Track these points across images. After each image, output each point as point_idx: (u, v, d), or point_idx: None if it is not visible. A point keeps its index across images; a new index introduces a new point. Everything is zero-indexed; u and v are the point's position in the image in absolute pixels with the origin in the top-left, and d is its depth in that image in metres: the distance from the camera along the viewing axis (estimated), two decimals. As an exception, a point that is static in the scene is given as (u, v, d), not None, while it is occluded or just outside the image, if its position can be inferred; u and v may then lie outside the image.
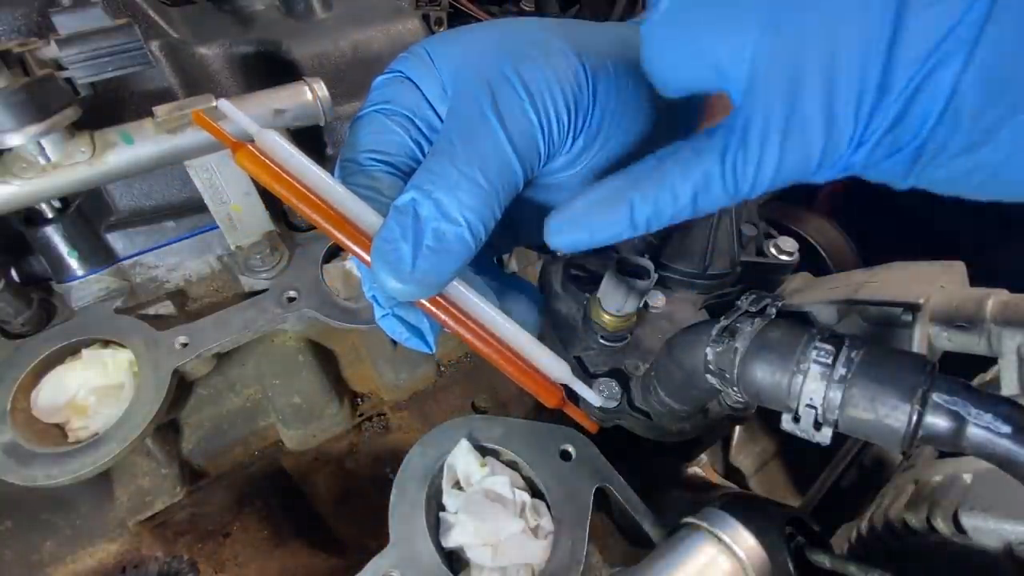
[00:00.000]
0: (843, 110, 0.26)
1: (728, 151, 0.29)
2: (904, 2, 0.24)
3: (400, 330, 0.37)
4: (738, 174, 0.29)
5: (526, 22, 0.39)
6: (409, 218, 0.33)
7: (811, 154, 0.28)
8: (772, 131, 0.28)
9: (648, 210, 0.32)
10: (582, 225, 0.34)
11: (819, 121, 0.27)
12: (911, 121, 0.26)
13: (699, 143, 0.31)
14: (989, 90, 0.24)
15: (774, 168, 0.29)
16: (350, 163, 0.37)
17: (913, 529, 0.46)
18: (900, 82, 0.25)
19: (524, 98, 0.35)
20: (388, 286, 0.33)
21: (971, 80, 0.24)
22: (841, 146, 0.27)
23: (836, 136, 0.27)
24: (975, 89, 0.24)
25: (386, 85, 0.39)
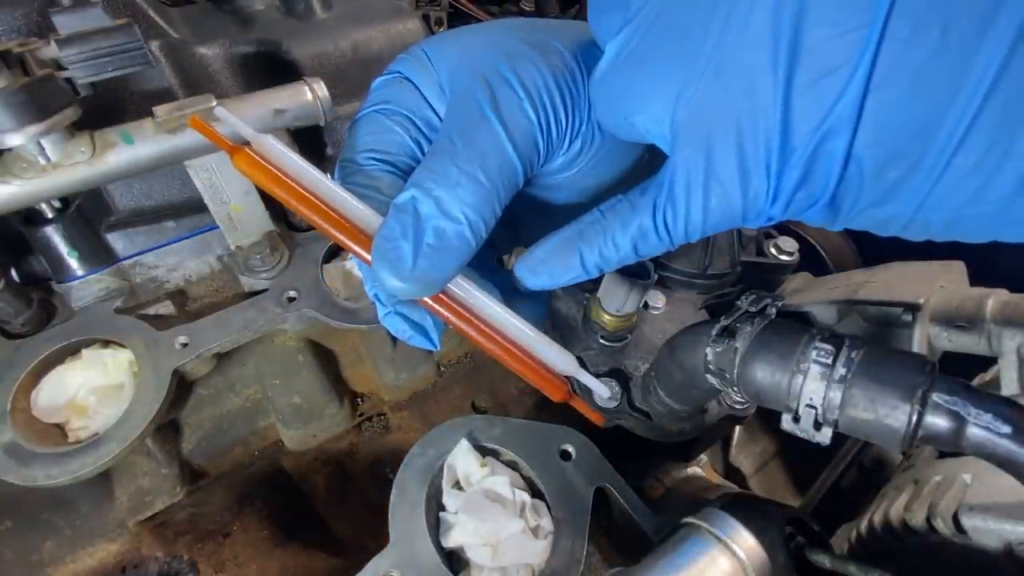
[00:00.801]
0: (754, 169, 0.29)
1: (658, 208, 0.33)
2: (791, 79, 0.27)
3: (403, 328, 0.37)
4: (669, 226, 0.33)
5: (524, 22, 0.39)
6: (409, 216, 0.33)
7: (733, 208, 0.31)
8: (694, 190, 0.31)
9: (595, 259, 0.36)
10: (542, 272, 0.38)
11: (735, 179, 0.30)
12: (817, 180, 0.29)
13: (635, 199, 0.35)
14: (883, 154, 0.27)
15: (701, 221, 0.32)
16: (349, 163, 0.37)
17: (913, 529, 0.46)
18: (799, 148, 0.28)
19: (523, 97, 0.35)
20: (389, 285, 0.33)
21: (864, 145, 0.27)
22: (760, 200, 0.30)
23: (753, 191, 0.30)
24: (870, 152, 0.27)
25: (385, 86, 0.39)
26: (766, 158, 0.29)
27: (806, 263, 0.77)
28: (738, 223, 0.32)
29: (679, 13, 0.31)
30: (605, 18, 0.35)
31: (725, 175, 0.30)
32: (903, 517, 0.47)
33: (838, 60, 0.26)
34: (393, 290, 0.33)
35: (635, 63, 0.32)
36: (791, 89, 0.27)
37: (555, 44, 0.37)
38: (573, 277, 0.38)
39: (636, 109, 0.33)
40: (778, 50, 0.27)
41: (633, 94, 0.33)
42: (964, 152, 0.25)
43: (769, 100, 0.27)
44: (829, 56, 0.26)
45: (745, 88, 0.28)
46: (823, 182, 0.29)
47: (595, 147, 0.39)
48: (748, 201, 0.30)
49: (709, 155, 0.30)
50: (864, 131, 0.27)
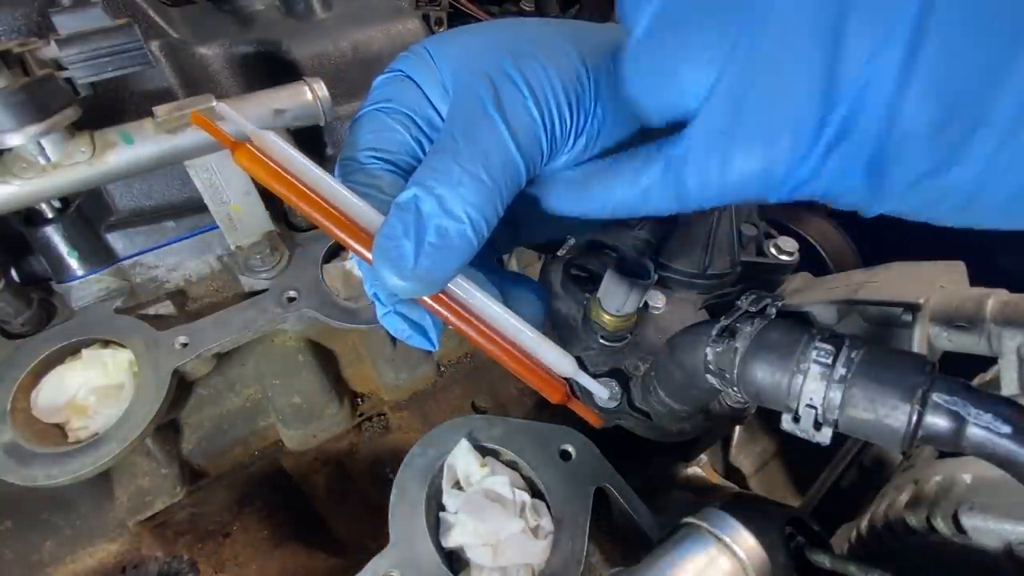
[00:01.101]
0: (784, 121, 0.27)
1: (672, 158, 0.31)
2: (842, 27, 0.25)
3: (403, 327, 0.37)
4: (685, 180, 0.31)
5: (527, 22, 0.39)
6: (411, 215, 0.33)
7: (755, 167, 0.28)
8: (716, 142, 0.29)
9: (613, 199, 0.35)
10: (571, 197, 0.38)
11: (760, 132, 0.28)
12: (860, 132, 0.26)
13: (650, 148, 0.33)
14: (944, 103, 0.24)
15: (718, 179, 0.29)
16: (350, 161, 0.37)
17: (913, 529, 0.46)
18: (842, 95, 0.26)
19: (527, 95, 0.35)
20: (390, 283, 0.33)
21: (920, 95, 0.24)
22: (788, 159, 0.27)
23: (782, 147, 0.27)
24: (927, 105, 0.24)
25: (386, 84, 0.39)
26: (796, 109, 0.26)
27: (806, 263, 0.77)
28: (759, 188, 0.29)
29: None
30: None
31: (754, 128, 0.28)
32: (903, 517, 0.47)
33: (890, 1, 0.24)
34: (394, 289, 0.33)
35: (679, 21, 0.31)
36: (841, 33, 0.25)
37: (559, 43, 0.37)
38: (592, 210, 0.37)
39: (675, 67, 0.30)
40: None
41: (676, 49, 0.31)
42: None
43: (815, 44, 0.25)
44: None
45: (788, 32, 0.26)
46: (867, 135, 0.26)
47: (599, 145, 0.39)
48: (774, 161, 0.28)
49: (738, 104, 0.28)
50: (920, 77, 0.24)
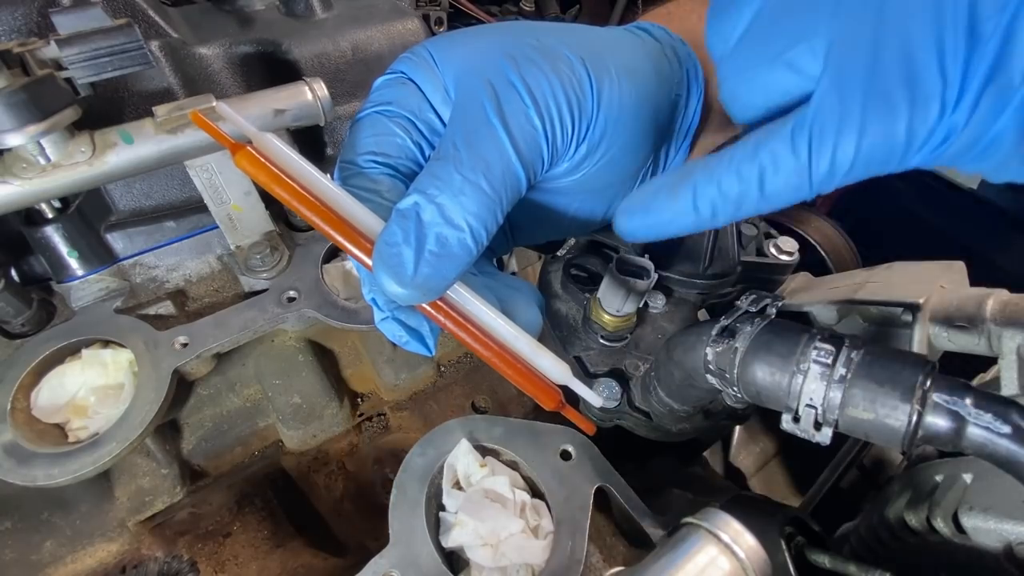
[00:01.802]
0: (926, 65, 0.24)
1: (799, 129, 0.28)
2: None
3: (400, 333, 0.37)
4: (812, 153, 0.27)
5: (530, 26, 0.39)
6: (412, 222, 0.33)
7: (898, 124, 0.25)
8: (849, 104, 0.26)
9: (712, 191, 0.31)
10: (650, 210, 0.33)
11: (901, 82, 0.25)
12: (1013, 68, 0.23)
13: (770, 126, 0.29)
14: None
15: (854, 146, 0.26)
16: (350, 165, 0.37)
17: (913, 529, 0.46)
18: (988, 26, 0.23)
19: (528, 104, 0.35)
20: (389, 290, 0.33)
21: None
22: (933, 109, 0.25)
23: (924, 95, 0.25)
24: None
25: (387, 86, 0.39)
26: (939, 52, 0.24)
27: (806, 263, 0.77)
28: (899, 154, 0.26)
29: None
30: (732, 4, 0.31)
31: (890, 81, 0.25)
32: (903, 517, 0.47)
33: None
34: (393, 296, 0.33)
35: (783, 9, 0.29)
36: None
37: (562, 50, 0.37)
38: (680, 216, 0.32)
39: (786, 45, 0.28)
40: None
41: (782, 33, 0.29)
42: None
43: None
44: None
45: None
46: (1020, 73, 0.23)
47: (600, 152, 0.39)
48: (917, 113, 0.25)
49: (870, 63, 0.25)
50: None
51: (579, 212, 0.44)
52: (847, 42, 0.26)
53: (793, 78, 0.29)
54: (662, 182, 0.33)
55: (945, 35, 0.24)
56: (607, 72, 0.38)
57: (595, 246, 0.71)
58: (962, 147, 0.26)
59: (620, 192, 0.44)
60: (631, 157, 0.41)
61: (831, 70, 0.27)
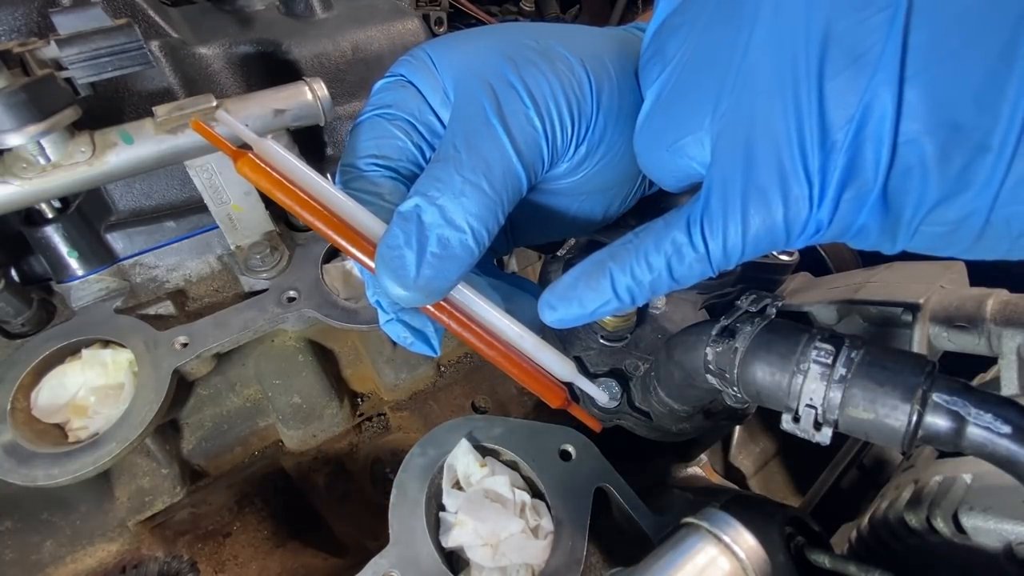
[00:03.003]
0: (793, 172, 0.28)
1: (692, 221, 0.31)
2: (822, 72, 0.26)
3: (404, 335, 0.37)
4: (708, 242, 0.31)
5: (529, 27, 0.39)
6: (413, 224, 0.33)
7: (775, 218, 0.29)
8: (731, 200, 0.29)
9: (627, 280, 0.34)
10: (571, 299, 0.36)
11: (774, 185, 0.28)
12: (865, 171, 0.27)
13: (670, 217, 0.33)
14: (943, 133, 0.25)
15: (740, 236, 0.30)
16: (351, 168, 0.37)
17: (913, 529, 0.46)
18: (839, 139, 0.26)
19: (528, 105, 0.35)
20: (392, 293, 0.33)
21: (919, 126, 0.25)
22: (802, 207, 0.28)
23: (794, 197, 0.28)
24: (928, 133, 0.25)
25: (387, 89, 0.39)
26: (802, 158, 0.27)
27: (806, 263, 0.77)
28: (781, 239, 0.30)
29: (708, 45, 0.31)
30: (648, 74, 0.35)
31: (764, 181, 0.28)
32: (903, 517, 0.47)
33: (869, 40, 0.25)
34: (397, 298, 0.33)
35: (674, 99, 0.33)
36: (823, 80, 0.26)
37: (562, 51, 0.37)
38: (604, 304, 0.35)
39: (677, 136, 0.32)
40: (804, 47, 0.26)
41: (674, 125, 0.33)
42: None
43: (801, 94, 0.27)
44: (858, 39, 0.25)
45: (774, 89, 0.28)
46: (872, 172, 0.27)
47: (600, 153, 0.39)
48: (790, 209, 0.28)
49: (747, 164, 0.29)
50: (913, 109, 0.25)
51: (579, 213, 0.44)
52: (727, 140, 0.30)
53: (688, 163, 0.33)
54: (578, 273, 0.36)
55: (805, 141, 0.27)
56: (607, 73, 0.38)
57: (595, 246, 0.71)
58: (836, 234, 0.29)
59: (620, 193, 0.44)
60: (630, 158, 0.41)
61: (715, 166, 0.31)
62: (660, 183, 0.37)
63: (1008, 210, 0.25)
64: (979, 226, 0.26)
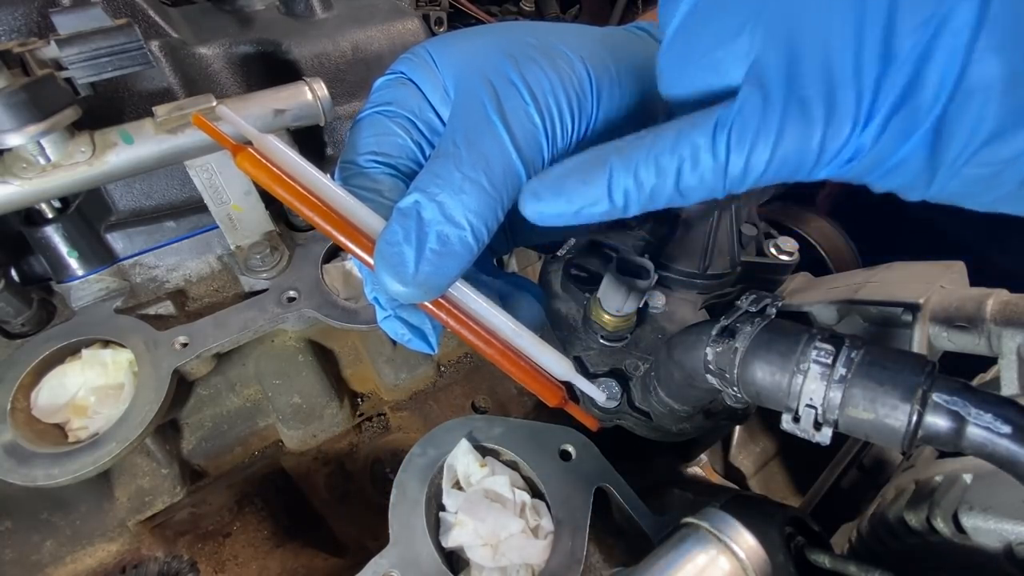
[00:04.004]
0: (842, 83, 0.25)
1: (721, 125, 0.28)
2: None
3: (403, 332, 0.37)
4: (730, 153, 0.27)
5: (529, 25, 0.39)
6: (412, 221, 0.33)
7: (812, 134, 0.26)
8: (770, 107, 0.26)
9: (627, 181, 0.30)
10: (559, 190, 0.31)
11: (819, 94, 0.25)
12: (924, 92, 0.23)
13: (696, 116, 0.29)
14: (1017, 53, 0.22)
15: (769, 150, 0.26)
16: (350, 165, 0.37)
17: (913, 529, 0.46)
18: (902, 52, 0.23)
19: (528, 101, 0.35)
20: (391, 289, 0.33)
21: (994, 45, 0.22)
22: (844, 124, 0.25)
23: (840, 110, 0.25)
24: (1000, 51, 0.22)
25: (387, 86, 0.39)
26: (856, 66, 0.24)
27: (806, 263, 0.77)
28: (810, 162, 0.26)
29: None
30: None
31: (808, 90, 0.25)
32: (903, 517, 0.47)
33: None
34: (395, 294, 0.33)
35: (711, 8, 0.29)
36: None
37: (561, 48, 0.37)
38: (593, 203, 0.31)
39: (715, 46, 0.29)
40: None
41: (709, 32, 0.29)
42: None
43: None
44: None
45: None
46: (932, 94, 0.23)
47: None
48: (831, 126, 0.25)
49: (791, 69, 0.26)
50: (993, 25, 0.22)
51: None
52: (771, 47, 0.27)
53: (719, 79, 0.29)
54: (574, 164, 0.32)
55: (863, 52, 0.24)
56: (607, 71, 0.38)
57: (595, 246, 0.71)
58: (868, 166, 0.26)
59: None
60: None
61: (754, 75, 0.27)
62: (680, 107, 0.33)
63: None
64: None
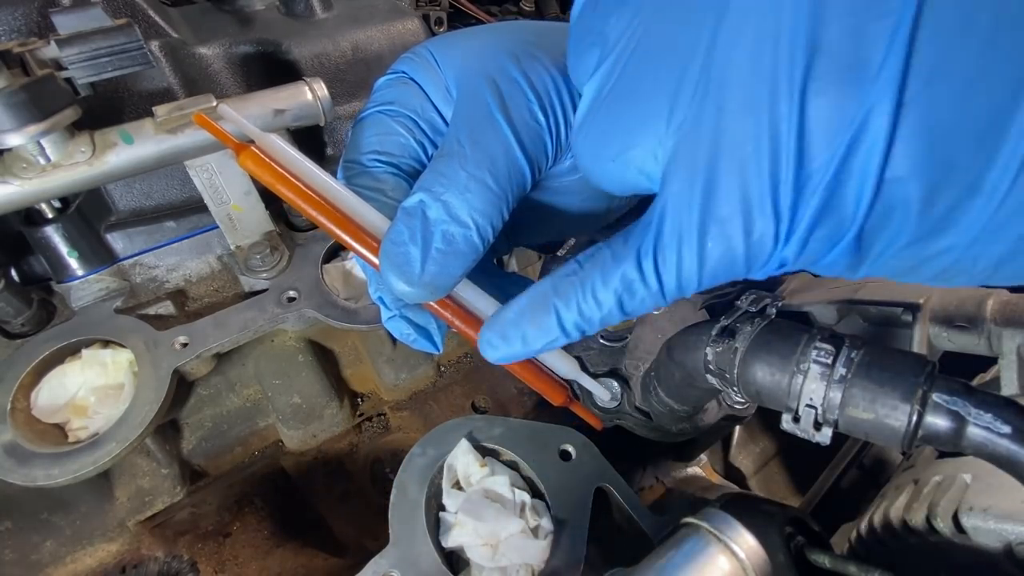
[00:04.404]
0: (759, 205, 0.24)
1: (644, 254, 0.28)
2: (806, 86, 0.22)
3: (408, 332, 0.37)
4: (662, 277, 0.28)
5: (531, 25, 0.39)
6: (418, 220, 0.32)
7: (735, 253, 0.26)
8: (687, 231, 0.26)
9: (574, 318, 0.31)
10: (513, 337, 0.33)
11: (736, 217, 0.25)
12: (842, 212, 0.24)
13: (616, 246, 0.30)
14: (935, 173, 0.22)
15: (696, 270, 0.27)
16: (353, 164, 0.37)
17: (913, 529, 0.46)
18: (817, 173, 0.23)
19: (532, 99, 0.35)
20: (397, 289, 0.32)
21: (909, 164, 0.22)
22: (766, 243, 0.25)
23: (758, 232, 0.25)
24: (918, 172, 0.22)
25: (389, 86, 0.39)
26: (772, 189, 0.24)
27: (806, 263, 0.77)
28: (741, 272, 0.27)
29: (662, 33, 0.26)
30: (582, 60, 0.31)
31: (724, 212, 0.25)
32: (903, 517, 0.47)
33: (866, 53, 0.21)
34: (401, 295, 0.33)
35: (619, 97, 0.29)
36: (806, 97, 0.22)
37: (563, 46, 0.37)
38: (551, 341, 0.33)
39: (625, 146, 0.29)
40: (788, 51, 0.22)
41: (620, 131, 0.29)
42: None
43: (779, 112, 0.23)
44: (853, 50, 0.21)
45: (745, 101, 0.24)
46: (849, 215, 0.24)
47: None
48: (752, 245, 0.25)
49: (706, 189, 0.25)
50: (906, 144, 0.22)
51: (579, 212, 0.44)
52: (684, 157, 0.26)
53: (637, 177, 0.29)
54: (520, 308, 0.33)
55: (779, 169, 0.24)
56: None
57: (595, 246, 0.71)
58: (801, 266, 0.27)
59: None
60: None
61: (669, 188, 0.27)
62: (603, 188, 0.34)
63: (980, 249, 0.23)
64: (947, 263, 0.24)
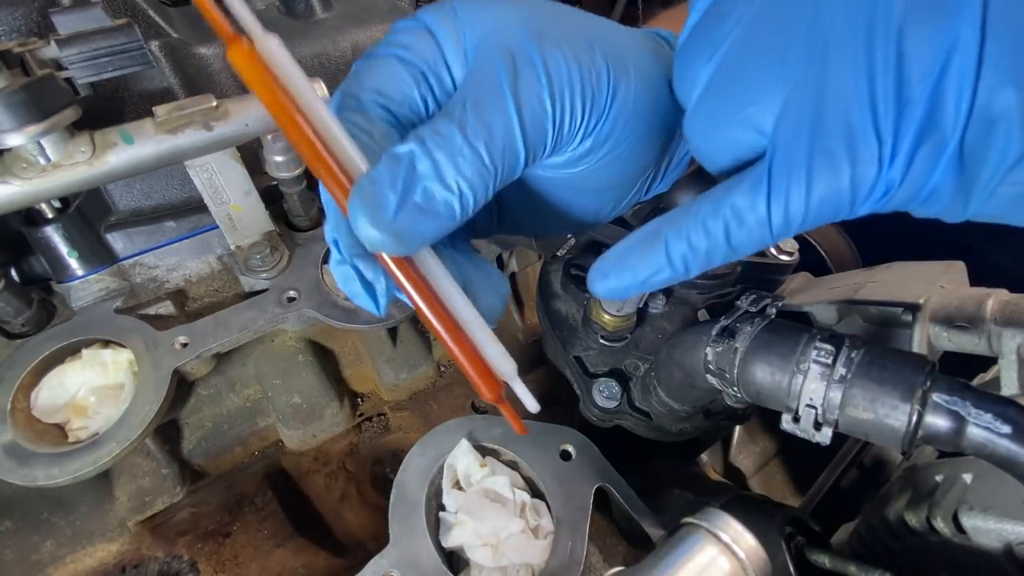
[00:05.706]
0: (861, 128, 0.27)
1: (755, 184, 0.30)
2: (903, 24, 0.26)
3: (353, 282, 0.35)
4: (771, 207, 0.30)
5: (561, 8, 0.38)
6: (403, 168, 0.31)
7: (841, 180, 0.28)
8: (796, 163, 0.29)
9: (682, 247, 0.33)
10: (624, 267, 0.35)
11: (841, 143, 0.28)
12: (943, 123, 0.26)
13: (731, 181, 0.32)
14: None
15: (804, 199, 0.29)
16: (351, 97, 0.35)
17: (913, 529, 0.46)
18: (915, 91, 0.26)
19: (544, 84, 0.34)
20: (361, 231, 0.31)
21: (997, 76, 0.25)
22: (870, 166, 0.27)
23: (863, 155, 0.27)
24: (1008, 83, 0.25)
25: (407, 31, 0.37)
26: (873, 114, 0.27)
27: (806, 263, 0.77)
28: (847, 204, 0.29)
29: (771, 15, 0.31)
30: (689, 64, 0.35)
31: (831, 142, 0.28)
32: (903, 517, 0.47)
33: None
34: (364, 237, 0.31)
35: (735, 73, 0.32)
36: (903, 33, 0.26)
37: (587, 39, 0.36)
38: (656, 272, 0.34)
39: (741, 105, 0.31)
40: None
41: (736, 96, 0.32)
42: None
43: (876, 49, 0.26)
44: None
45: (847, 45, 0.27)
46: (950, 124, 0.26)
47: (604, 150, 0.39)
48: (858, 169, 0.28)
49: (814, 125, 0.28)
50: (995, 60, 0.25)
51: (571, 209, 0.44)
52: (794, 103, 0.30)
53: (751, 135, 0.32)
54: (632, 242, 0.35)
55: (877, 99, 0.27)
56: (625, 72, 0.37)
57: (595, 246, 0.71)
58: (905, 198, 0.29)
59: (616, 195, 0.44)
60: (634, 161, 0.41)
61: (781, 130, 0.30)
62: (713, 165, 0.36)
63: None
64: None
